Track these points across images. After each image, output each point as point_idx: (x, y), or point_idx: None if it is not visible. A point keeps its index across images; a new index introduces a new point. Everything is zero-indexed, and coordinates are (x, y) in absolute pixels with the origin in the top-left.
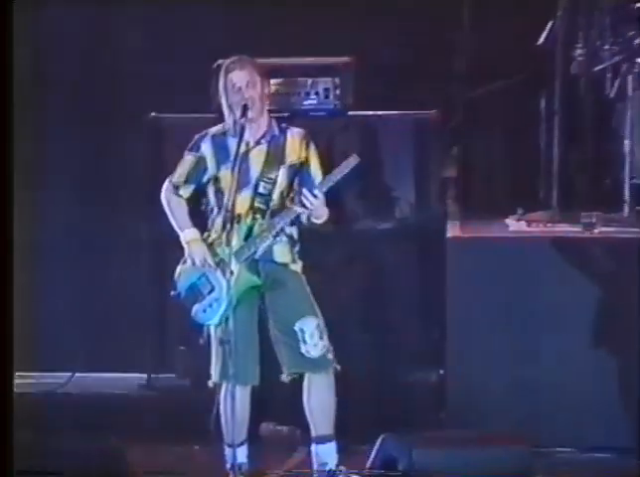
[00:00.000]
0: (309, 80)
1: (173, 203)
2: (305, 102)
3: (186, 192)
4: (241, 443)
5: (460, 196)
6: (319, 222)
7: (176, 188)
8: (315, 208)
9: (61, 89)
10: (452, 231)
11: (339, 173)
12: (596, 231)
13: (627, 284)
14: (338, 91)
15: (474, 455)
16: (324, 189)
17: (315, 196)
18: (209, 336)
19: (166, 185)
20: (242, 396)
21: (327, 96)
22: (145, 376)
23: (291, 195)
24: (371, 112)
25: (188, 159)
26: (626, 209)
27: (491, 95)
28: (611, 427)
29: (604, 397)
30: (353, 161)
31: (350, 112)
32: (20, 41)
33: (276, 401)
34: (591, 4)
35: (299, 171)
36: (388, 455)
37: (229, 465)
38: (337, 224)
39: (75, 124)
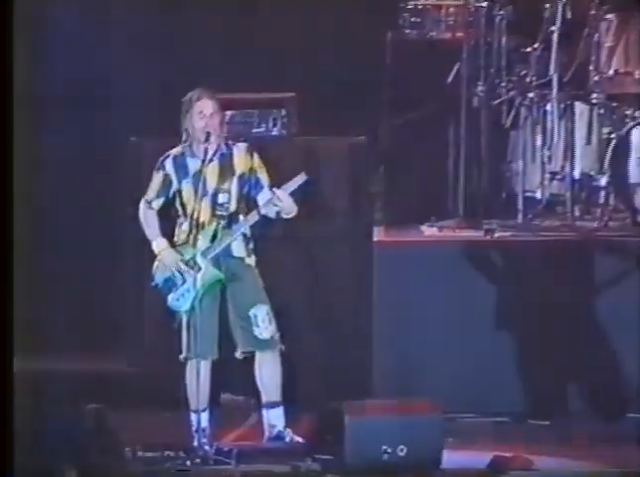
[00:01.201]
0: (260, 111)
1: (147, 216)
2: (256, 130)
3: (157, 204)
4: (204, 410)
5: (384, 207)
6: (289, 217)
7: (149, 203)
8: (284, 207)
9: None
10: (378, 235)
11: (294, 184)
12: (496, 235)
13: (521, 279)
14: (284, 121)
15: (397, 420)
16: (288, 191)
17: (280, 200)
18: (180, 320)
19: (142, 203)
20: (205, 369)
21: (275, 125)
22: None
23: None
24: (312, 138)
25: (156, 177)
26: (520, 217)
27: (410, 124)
28: (507, 396)
29: (502, 372)
30: (302, 178)
31: (294, 138)
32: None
33: (233, 375)
34: (490, 49)
35: (249, 179)
36: (325, 423)
37: (194, 428)
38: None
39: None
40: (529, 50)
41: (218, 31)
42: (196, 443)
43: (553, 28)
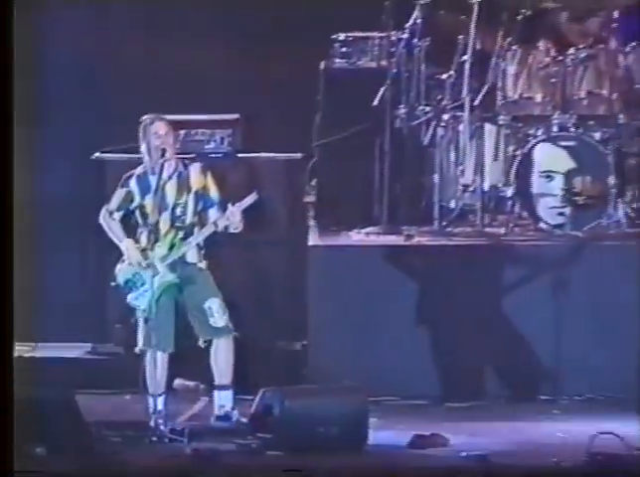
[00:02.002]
0: (209, 131)
1: (110, 223)
2: (206, 147)
3: (118, 216)
4: (160, 394)
5: (318, 215)
6: (236, 231)
7: (110, 213)
8: (234, 223)
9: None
10: (313, 240)
11: (246, 202)
12: (414, 240)
13: (436, 278)
14: (230, 139)
15: (329, 403)
16: (241, 209)
17: (233, 216)
18: (140, 316)
19: (103, 211)
20: (162, 359)
21: (222, 143)
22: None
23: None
24: (254, 155)
25: (120, 193)
26: (436, 224)
27: (341, 142)
28: (426, 381)
29: (421, 360)
30: (253, 197)
31: (239, 155)
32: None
33: (185, 364)
34: (410, 76)
35: (202, 195)
36: (267, 406)
37: (151, 410)
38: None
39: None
40: (444, 77)
41: (172, 60)
42: (152, 423)
43: (465, 57)
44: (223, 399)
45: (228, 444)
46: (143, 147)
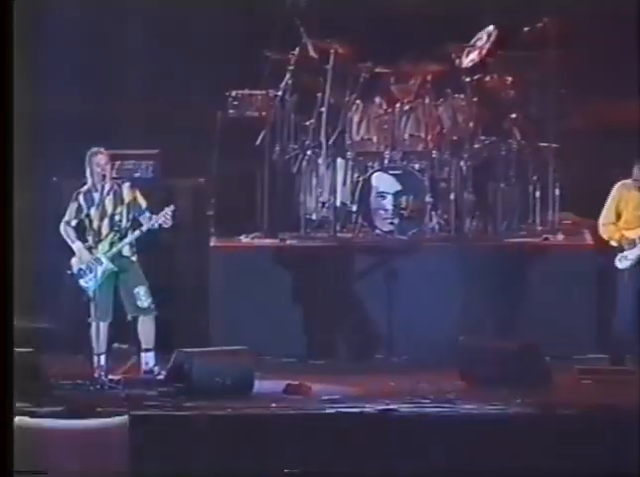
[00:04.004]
0: (136, 162)
1: (67, 231)
2: (135, 174)
3: (74, 223)
4: (102, 353)
5: (216, 224)
6: (167, 226)
7: (67, 222)
8: (167, 220)
9: None
10: (213, 242)
11: (167, 211)
12: (287, 242)
13: (302, 269)
14: (152, 168)
15: (226, 361)
16: (169, 215)
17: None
18: (88, 295)
19: (63, 223)
20: (103, 327)
21: (146, 170)
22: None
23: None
24: (169, 179)
25: (72, 206)
26: (302, 231)
27: (233, 170)
28: (294, 345)
29: (291, 329)
30: (172, 208)
31: (160, 179)
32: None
33: (122, 332)
34: (283, 122)
35: (133, 206)
36: (180, 363)
37: (95, 365)
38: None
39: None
40: (307, 124)
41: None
42: (96, 375)
43: (322, 109)
44: (147, 359)
45: (151, 391)
46: (88, 172)
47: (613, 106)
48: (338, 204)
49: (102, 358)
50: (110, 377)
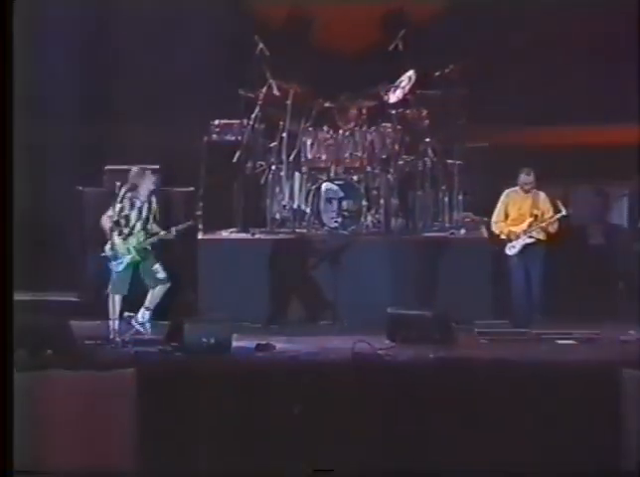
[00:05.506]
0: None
1: (109, 223)
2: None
3: (114, 218)
4: (116, 319)
5: (203, 222)
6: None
7: (110, 217)
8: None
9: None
10: (200, 235)
11: (185, 225)
12: (256, 236)
13: (267, 257)
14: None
15: (209, 326)
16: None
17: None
18: (113, 274)
19: (105, 216)
20: (119, 299)
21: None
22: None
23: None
24: (167, 188)
25: (118, 206)
26: (268, 227)
27: (216, 181)
28: (261, 314)
29: (261, 300)
30: (189, 223)
31: (160, 188)
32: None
33: (135, 304)
34: (251, 144)
35: (157, 214)
36: (175, 327)
37: (111, 329)
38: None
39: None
40: (272, 145)
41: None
42: (112, 336)
43: (283, 134)
44: (144, 315)
45: (153, 349)
46: (132, 184)
47: (502, 132)
48: (295, 206)
49: (117, 323)
50: (123, 338)
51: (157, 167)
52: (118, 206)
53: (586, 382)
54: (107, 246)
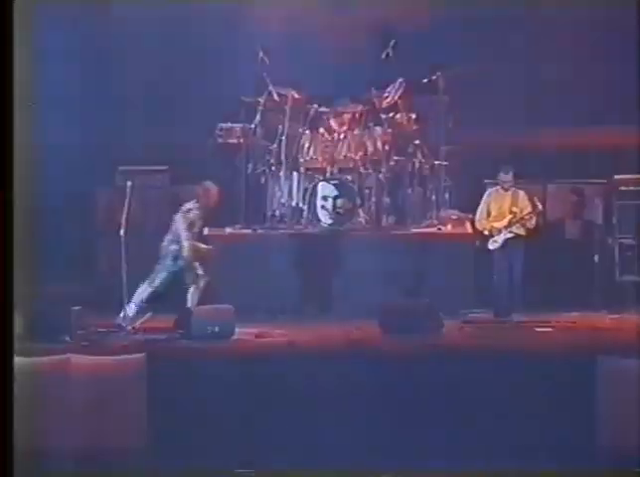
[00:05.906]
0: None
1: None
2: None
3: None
4: (130, 306)
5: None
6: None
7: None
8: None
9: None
10: (206, 232)
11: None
12: (258, 231)
13: (269, 248)
14: (163, 179)
15: (216, 315)
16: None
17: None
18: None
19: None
20: (145, 288)
21: (162, 181)
22: None
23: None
24: (176, 185)
25: (184, 221)
26: (268, 223)
27: (221, 183)
28: (259, 306)
29: (258, 293)
30: (210, 248)
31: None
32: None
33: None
34: (255, 148)
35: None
36: (183, 316)
37: (124, 315)
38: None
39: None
40: (271, 147)
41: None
42: (124, 325)
43: (282, 137)
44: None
45: (162, 336)
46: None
47: (485, 136)
48: (294, 204)
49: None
50: (132, 327)
51: (166, 168)
52: (186, 220)
53: (562, 367)
54: (163, 251)
